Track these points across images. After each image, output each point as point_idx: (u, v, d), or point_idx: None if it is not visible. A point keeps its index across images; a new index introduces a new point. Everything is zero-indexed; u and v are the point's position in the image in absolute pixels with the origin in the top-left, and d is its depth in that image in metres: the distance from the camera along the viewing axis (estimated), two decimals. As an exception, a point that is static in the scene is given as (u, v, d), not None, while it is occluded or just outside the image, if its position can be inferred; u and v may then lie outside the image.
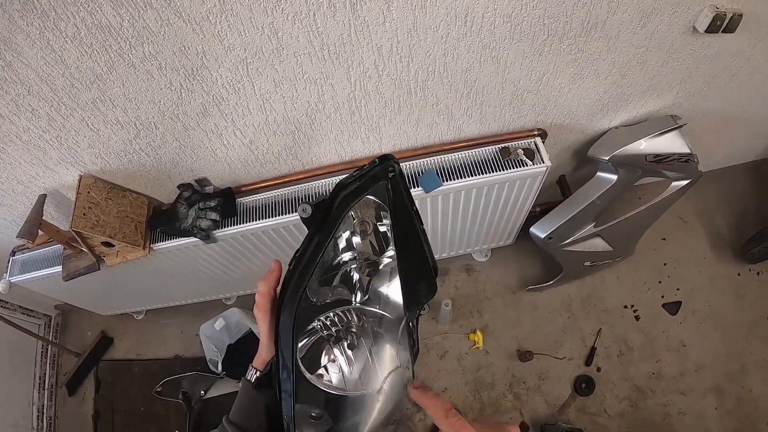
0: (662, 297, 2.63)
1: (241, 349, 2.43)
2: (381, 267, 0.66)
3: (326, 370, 0.66)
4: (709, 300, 2.62)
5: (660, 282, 2.65)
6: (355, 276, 0.66)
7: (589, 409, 2.47)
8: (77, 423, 2.70)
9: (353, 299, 0.66)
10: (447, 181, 1.80)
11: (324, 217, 0.61)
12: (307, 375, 0.64)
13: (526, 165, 1.82)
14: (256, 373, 0.72)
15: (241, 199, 1.89)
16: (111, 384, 2.64)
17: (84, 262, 1.89)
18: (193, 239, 1.85)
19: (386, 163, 0.60)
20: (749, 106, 2.16)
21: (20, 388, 2.54)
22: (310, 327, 0.64)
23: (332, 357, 0.66)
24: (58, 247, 1.97)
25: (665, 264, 2.68)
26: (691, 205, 2.79)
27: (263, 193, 1.89)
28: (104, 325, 2.83)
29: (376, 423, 0.68)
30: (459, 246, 2.46)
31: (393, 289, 0.64)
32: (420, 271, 0.65)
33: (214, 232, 1.84)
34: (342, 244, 0.64)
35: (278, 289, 0.68)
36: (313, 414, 0.66)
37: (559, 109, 1.84)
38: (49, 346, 2.67)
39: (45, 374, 2.64)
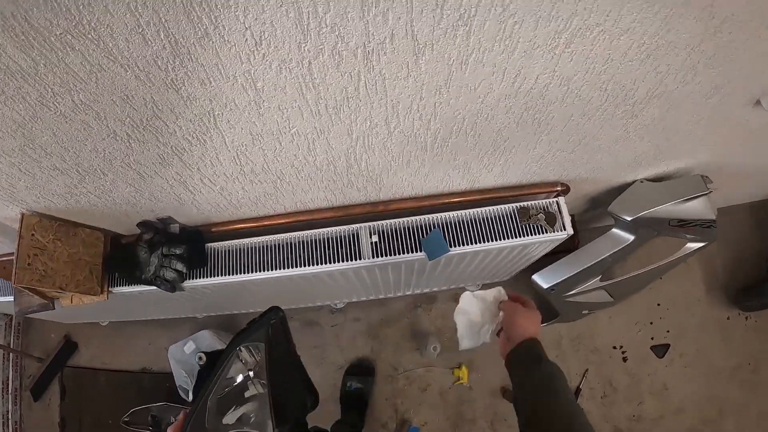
0: (652, 339, 2.26)
1: (213, 374, 2.02)
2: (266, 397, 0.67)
3: None
4: (697, 343, 2.26)
5: (651, 323, 2.27)
6: (253, 414, 0.68)
7: (569, 451, 2.11)
8: (43, 429, 2.26)
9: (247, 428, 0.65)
10: (454, 243, 1.36)
11: (217, 362, 0.64)
12: None
13: (546, 232, 1.38)
14: None
15: (213, 244, 1.41)
16: (77, 392, 2.19)
17: (37, 300, 1.43)
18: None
19: (270, 314, 0.67)
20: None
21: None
22: None
23: None
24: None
25: (659, 304, 2.29)
26: (691, 243, 2.36)
27: (238, 240, 1.42)
28: (68, 329, 2.34)
29: None
30: (450, 282, 2.03)
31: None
32: (291, 397, 0.65)
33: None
34: (238, 381, 0.68)
35: None
36: None
37: (589, 166, 1.40)
38: (11, 347, 2.21)
39: (8, 378, 2.18)
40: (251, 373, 0.69)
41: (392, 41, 0.76)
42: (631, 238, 1.61)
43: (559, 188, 1.43)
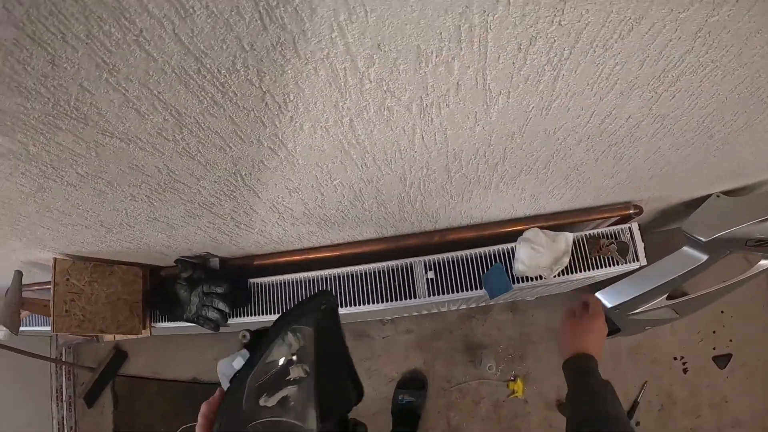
0: (714, 349, 1.99)
1: (262, 388, 1.89)
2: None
3: None
4: (760, 353, 1.98)
5: (714, 332, 2.00)
6: (292, 398, 0.58)
7: (625, 465, 1.90)
8: (98, 434, 2.21)
9: (285, 414, 0.57)
10: (517, 278, 1.16)
11: (261, 341, 0.57)
12: None
13: (617, 264, 1.16)
14: None
15: (256, 279, 1.25)
16: (129, 401, 2.10)
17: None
18: (198, 322, 1.24)
19: (320, 298, 0.58)
20: None
21: (37, 404, 2.01)
22: None
23: None
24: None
25: (722, 312, 2.01)
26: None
27: (283, 276, 1.25)
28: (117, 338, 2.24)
29: None
30: (508, 298, 1.81)
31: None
32: (337, 391, 0.58)
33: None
34: (277, 368, 0.58)
35: None
36: None
37: (666, 186, 1.16)
38: (63, 359, 2.13)
39: (62, 386, 2.09)
40: (294, 357, 0.60)
41: (457, 92, 0.56)
42: (704, 258, 1.36)
43: (632, 211, 1.20)
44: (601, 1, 0.43)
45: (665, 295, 1.54)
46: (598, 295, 1.50)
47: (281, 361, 0.60)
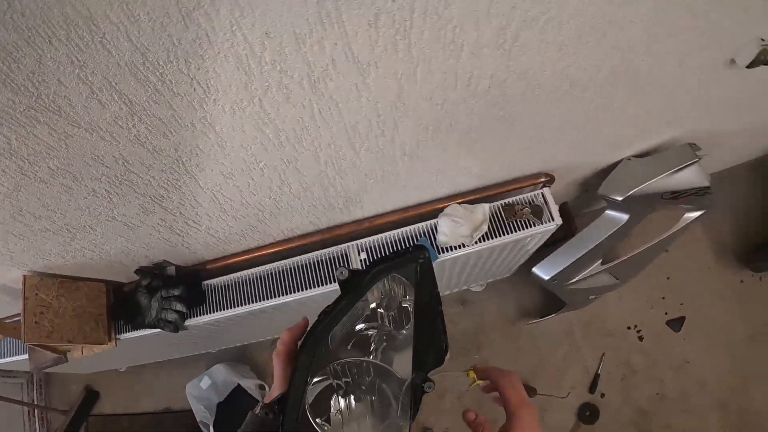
0: (666, 314, 2.24)
1: (232, 407, 2.04)
2: (398, 338, 0.64)
3: (328, 421, 0.61)
4: (713, 312, 2.23)
5: (664, 298, 2.26)
6: (373, 342, 0.64)
7: (595, 438, 2.10)
8: (73, 479, 2.30)
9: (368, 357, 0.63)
10: (443, 249, 1.39)
11: (357, 282, 0.61)
12: (311, 418, 0.58)
13: (534, 225, 1.40)
14: (264, 409, 0.62)
15: (209, 281, 1.47)
16: None
17: (50, 355, 1.50)
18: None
19: (418, 252, 0.62)
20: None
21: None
22: (324, 372, 0.61)
23: (338, 407, 0.62)
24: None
25: (668, 278, 2.27)
26: (692, 211, 2.34)
27: (233, 274, 1.47)
28: (88, 379, 2.40)
29: None
30: (453, 286, 2.05)
31: (404, 357, 0.62)
32: (431, 344, 0.63)
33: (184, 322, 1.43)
34: (368, 311, 0.64)
35: (300, 342, 0.62)
36: None
37: (571, 153, 1.42)
38: (35, 403, 2.26)
39: None
40: (380, 308, 0.64)
41: (335, 67, 0.80)
42: (626, 217, 1.59)
43: (543, 179, 1.45)
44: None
45: (599, 261, 1.78)
46: (534, 269, 1.74)
47: (371, 305, 0.64)
